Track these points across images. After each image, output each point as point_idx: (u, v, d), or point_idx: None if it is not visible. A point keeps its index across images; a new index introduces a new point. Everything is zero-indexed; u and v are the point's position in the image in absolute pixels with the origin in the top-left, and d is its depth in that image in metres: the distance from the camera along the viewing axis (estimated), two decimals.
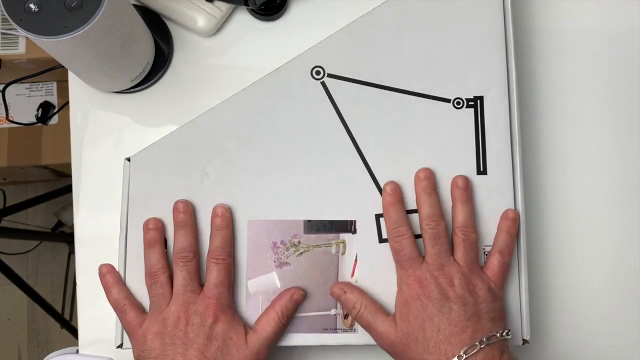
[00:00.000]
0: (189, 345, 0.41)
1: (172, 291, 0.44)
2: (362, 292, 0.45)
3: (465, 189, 0.46)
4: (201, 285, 0.45)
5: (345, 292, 0.45)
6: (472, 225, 0.45)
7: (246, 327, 0.44)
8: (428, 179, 0.46)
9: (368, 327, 0.44)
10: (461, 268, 0.43)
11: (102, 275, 0.46)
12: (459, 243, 0.44)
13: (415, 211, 0.46)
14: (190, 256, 0.44)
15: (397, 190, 0.46)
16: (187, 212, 0.46)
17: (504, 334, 0.42)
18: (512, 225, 0.46)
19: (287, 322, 0.45)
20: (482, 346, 0.40)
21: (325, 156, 0.48)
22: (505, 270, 0.45)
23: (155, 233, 0.45)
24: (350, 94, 0.49)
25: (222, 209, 0.46)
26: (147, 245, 0.45)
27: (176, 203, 0.46)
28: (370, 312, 0.44)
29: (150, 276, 0.44)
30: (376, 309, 0.44)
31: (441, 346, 0.40)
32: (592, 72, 0.55)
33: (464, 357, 0.40)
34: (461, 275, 0.43)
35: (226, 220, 0.46)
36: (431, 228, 0.44)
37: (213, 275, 0.44)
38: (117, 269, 0.46)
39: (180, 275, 0.44)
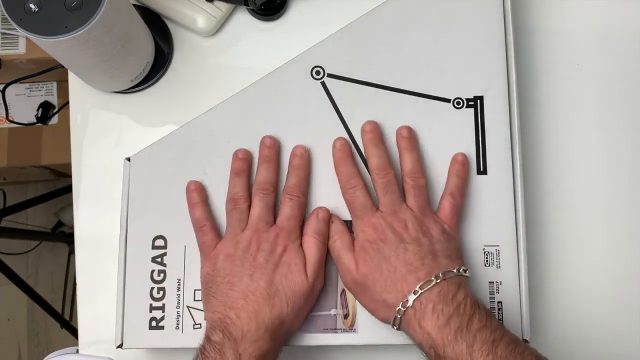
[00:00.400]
0: (257, 269, 0.43)
1: (248, 219, 0.46)
2: (345, 228, 0.46)
3: (410, 137, 0.47)
4: (275, 219, 0.46)
5: (333, 222, 0.46)
6: (420, 170, 0.46)
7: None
8: (374, 131, 0.47)
9: (337, 260, 0.45)
10: (414, 212, 0.45)
11: (189, 191, 0.47)
12: (409, 189, 0.45)
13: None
14: (270, 190, 0.46)
15: (346, 146, 0.47)
16: (273, 148, 0.47)
17: (460, 270, 0.42)
18: (462, 168, 0.47)
19: (325, 241, 0.46)
20: (438, 280, 0.41)
21: (325, 156, 0.48)
22: (458, 212, 0.46)
23: (244, 163, 0.47)
24: (350, 94, 0.49)
25: (301, 149, 0.47)
26: (235, 172, 0.47)
27: (264, 138, 0.48)
28: (344, 247, 0.45)
29: (231, 202, 0.46)
30: (350, 246, 0.45)
31: (398, 284, 0.41)
32: (592, 72, 0.54)
33: (420, 292, 0.40)
34: (414, 219, 0.44)
35: (304, 160, 0.47)
36: (381, 177, 0.45)
37: (286, 210, 0.46)
38: (205, 190, 0.47)
39: (258, 206, 0.46)
